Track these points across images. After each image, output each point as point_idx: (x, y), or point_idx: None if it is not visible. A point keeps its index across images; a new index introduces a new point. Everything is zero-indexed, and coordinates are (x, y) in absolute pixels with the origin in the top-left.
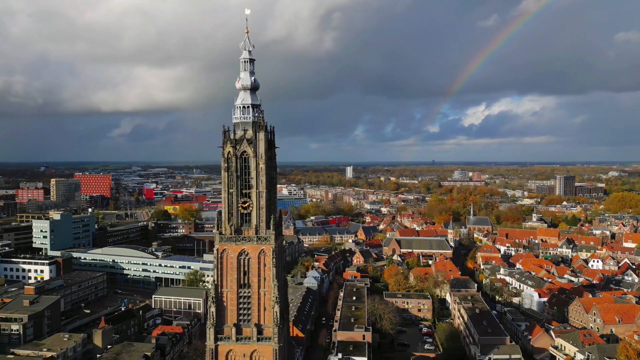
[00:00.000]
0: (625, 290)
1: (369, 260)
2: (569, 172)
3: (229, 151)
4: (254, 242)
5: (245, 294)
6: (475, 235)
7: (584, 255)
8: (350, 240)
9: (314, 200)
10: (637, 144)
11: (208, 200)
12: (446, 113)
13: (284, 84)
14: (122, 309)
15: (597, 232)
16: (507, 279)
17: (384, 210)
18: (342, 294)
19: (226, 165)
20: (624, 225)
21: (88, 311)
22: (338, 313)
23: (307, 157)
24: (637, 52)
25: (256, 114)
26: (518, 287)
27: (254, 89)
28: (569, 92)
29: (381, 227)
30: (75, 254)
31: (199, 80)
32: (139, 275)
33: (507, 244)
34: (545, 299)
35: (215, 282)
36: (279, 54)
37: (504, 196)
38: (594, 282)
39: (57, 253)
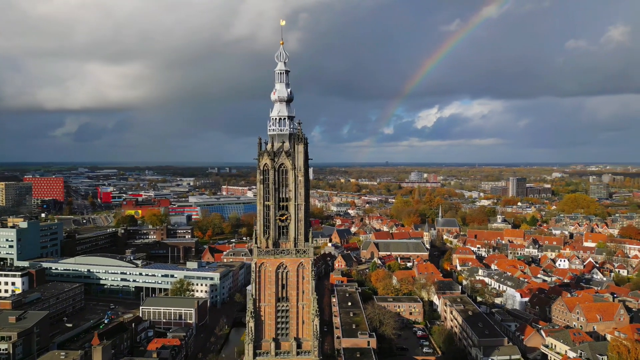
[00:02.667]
0: (596, 288)
1: (351, 264)
2: (515, 173)
3: (266, 163)
4: (292, 255)
5: (283, 308)
6: (445, 237)
7: (549, 255)
8: (329, 244)
9: None
10: (575, 146)
11: (173, 204)
12: (400, 115)
13: (242, 83)
14: (106, 321)
15: (557, 232)
16: (487, 279)
17: (351, 212)
18: (334, 300)
19: (262, 177)
20: (579, 225)
21: (70, 325)
22: (337, 320)
23: None
24: (584, 59)
25: (292, 126)
26: (498, 288)
27: (289, 100)
28: (517, 96)
29: (353, 229)
30: (45, 264)
31: (154, 78)
32: (117, 285)
33: (477, 245)
34: (526, 299)
35: (254, 297)
36: (240, 53)
37: (462, 197)
38: (566, 281)
39: (25, 263)
